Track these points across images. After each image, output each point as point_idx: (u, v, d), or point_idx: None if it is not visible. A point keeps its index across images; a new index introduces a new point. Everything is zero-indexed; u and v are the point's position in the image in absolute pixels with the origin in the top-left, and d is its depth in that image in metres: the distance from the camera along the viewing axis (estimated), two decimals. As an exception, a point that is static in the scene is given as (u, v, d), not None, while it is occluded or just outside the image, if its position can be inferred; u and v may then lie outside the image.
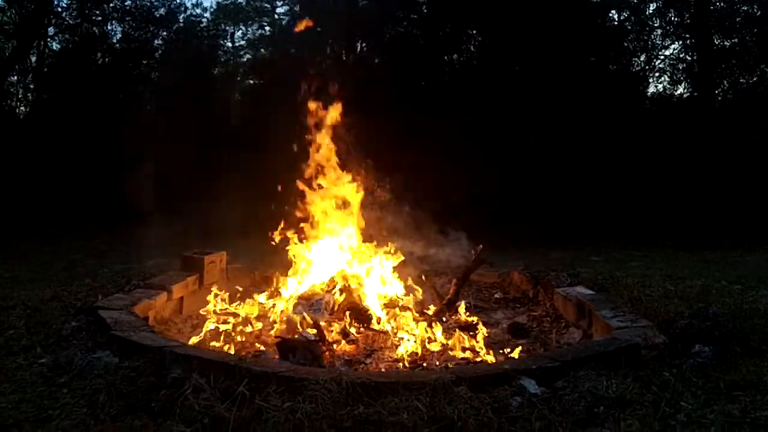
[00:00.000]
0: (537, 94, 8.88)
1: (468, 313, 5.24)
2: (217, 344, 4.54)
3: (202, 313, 5.19)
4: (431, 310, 5.20)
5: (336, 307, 4.90)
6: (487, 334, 4.86)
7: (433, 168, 8.30)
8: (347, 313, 4.80)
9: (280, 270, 5.83)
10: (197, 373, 3.42)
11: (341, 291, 5.01)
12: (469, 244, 5.62)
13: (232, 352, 4.37)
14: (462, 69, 9.61)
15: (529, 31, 8.66)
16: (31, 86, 12.39)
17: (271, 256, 6.02)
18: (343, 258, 5.46)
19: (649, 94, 12.15)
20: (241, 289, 5.79)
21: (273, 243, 5.66)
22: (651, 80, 12.20)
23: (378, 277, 5.41)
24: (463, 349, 4.42)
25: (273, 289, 5.64)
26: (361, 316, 4.76)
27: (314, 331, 4.41)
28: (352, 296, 4.97)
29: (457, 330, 4.75)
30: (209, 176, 9.80)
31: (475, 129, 8.81)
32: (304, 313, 4.74)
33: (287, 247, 5.67)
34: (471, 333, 4.80)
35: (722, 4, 11.54)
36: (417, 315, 4.99)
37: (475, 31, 9.56)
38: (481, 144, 8.84)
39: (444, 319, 5.07)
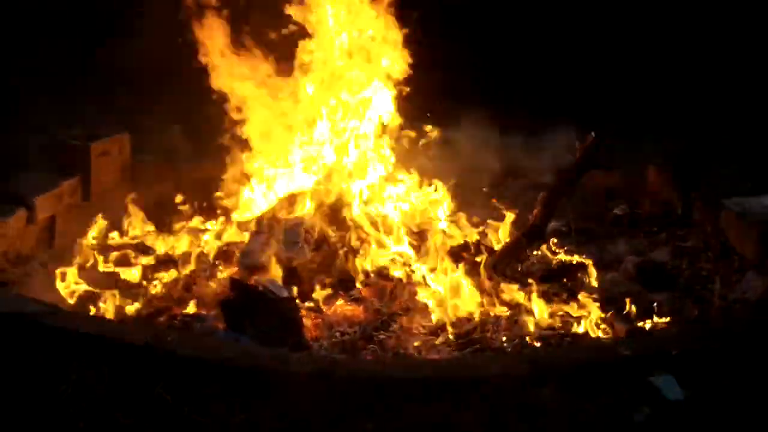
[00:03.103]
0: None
1: (564, 246, 5.28)
2: (110, 306, 4.70)
3: (87, 245, 5.31)
4: (499, 242, 5.24)
5: (327, 237, 4.98)
6: (596, 284, 4.88)
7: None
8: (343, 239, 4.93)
9: (225, 165, 5.88)
10: (79, 362, 3.49)
11: (334, 208, 5.10)
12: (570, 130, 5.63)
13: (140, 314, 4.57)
14: None
15: None
16: None
17: (209, 135, 6.00)
18: (337, 144, 5.47)
19: None
20: (158, 202, 5.92)
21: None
22: None
23: (400, 185, 5.47)
24: (552, 315, 4.48)
25: (214, 203, 5.79)
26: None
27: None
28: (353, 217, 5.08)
29: (538, 278, 4.82)
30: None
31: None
32: (269, 247, 4.79)
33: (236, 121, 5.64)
34: (568, 282, 4.87)
35: None
36: (471, 251, 5.04)
37: None
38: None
39: (520, 258, 5.12)
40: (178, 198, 5.95)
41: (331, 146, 5.45)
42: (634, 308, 4.56)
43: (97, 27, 7.66)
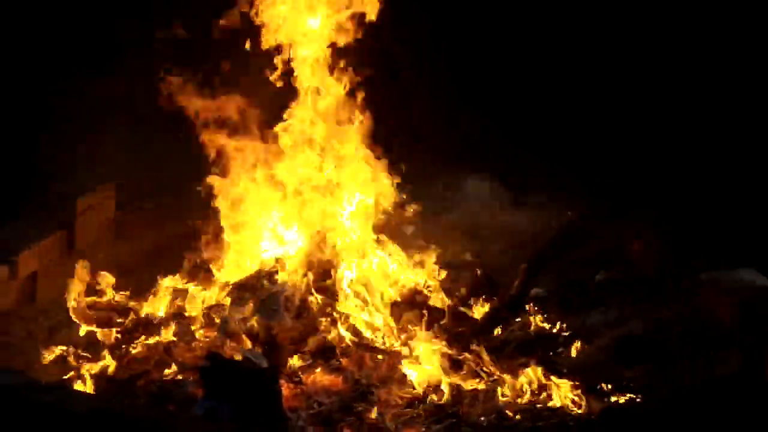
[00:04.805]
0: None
1: (544, 314, 5.32)
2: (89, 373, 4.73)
3: (70, 305, 5.25)
4: (478, 312, 5.32)
5: (308, 305, 5.02)
6: (573, 354, 4.95)
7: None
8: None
9: (210, 222, 5.84)
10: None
11: (316, 275, 5.14)
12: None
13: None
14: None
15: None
16: None
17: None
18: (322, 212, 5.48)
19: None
20: (141, 258, 6.03)
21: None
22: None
23: (384, 254, 5.48)
24: (527, 388, 4.55)
25: (197, 261, 5.73)
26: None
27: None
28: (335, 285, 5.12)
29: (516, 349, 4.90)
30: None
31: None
32: (250, 315, 4.88)
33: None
34: (546, 353, 4.91)
35: None
36: (450, 321, 5.10)
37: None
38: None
39: (498, 330, 5.18)
40: (160, 255, 5.99)
41: (317, 212, 5.45)
42: (608, 385, 4.57)
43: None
